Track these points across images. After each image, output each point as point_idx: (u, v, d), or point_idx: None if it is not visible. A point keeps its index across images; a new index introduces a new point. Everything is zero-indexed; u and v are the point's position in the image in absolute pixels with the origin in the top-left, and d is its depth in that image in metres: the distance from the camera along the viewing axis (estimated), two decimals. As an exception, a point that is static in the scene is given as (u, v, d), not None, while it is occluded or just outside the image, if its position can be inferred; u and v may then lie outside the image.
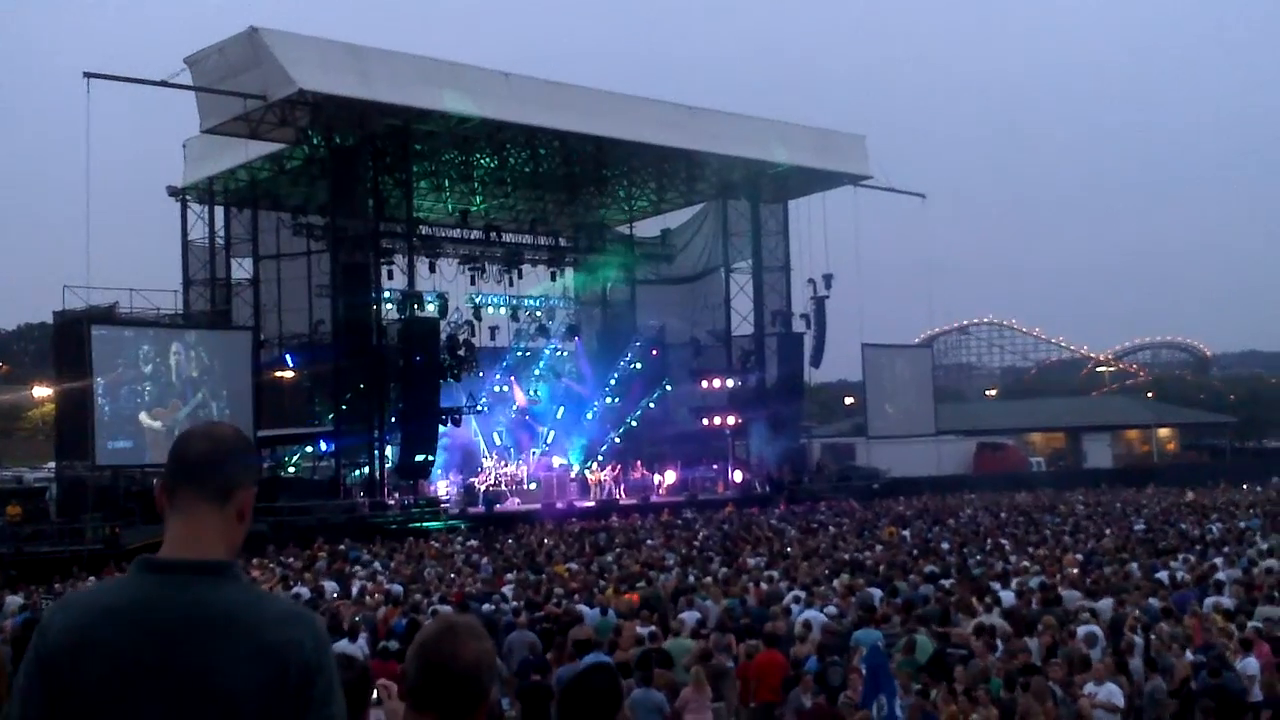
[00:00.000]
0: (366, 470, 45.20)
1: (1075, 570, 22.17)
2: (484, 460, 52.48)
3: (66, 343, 43.90)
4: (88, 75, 40.07)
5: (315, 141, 46.08)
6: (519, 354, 57.58)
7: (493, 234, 54.35)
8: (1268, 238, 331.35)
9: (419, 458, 44.33)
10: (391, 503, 44.18)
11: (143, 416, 42.00)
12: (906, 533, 33.96)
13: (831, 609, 18.04)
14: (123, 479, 43.53)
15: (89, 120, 37.80)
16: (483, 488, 48.88)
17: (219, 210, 54.22)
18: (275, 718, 2.76)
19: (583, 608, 18.82)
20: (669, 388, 59.52)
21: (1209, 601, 17.37)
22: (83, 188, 38.82)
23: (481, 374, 52.59)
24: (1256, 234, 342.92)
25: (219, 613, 2.78)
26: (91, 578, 26.94)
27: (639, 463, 55.65)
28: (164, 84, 43.04)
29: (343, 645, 14.78)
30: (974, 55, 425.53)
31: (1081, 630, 14.91)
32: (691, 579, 22.66)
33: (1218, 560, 22.95)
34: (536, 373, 57.91)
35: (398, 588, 22.42)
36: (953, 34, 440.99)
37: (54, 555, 33.49)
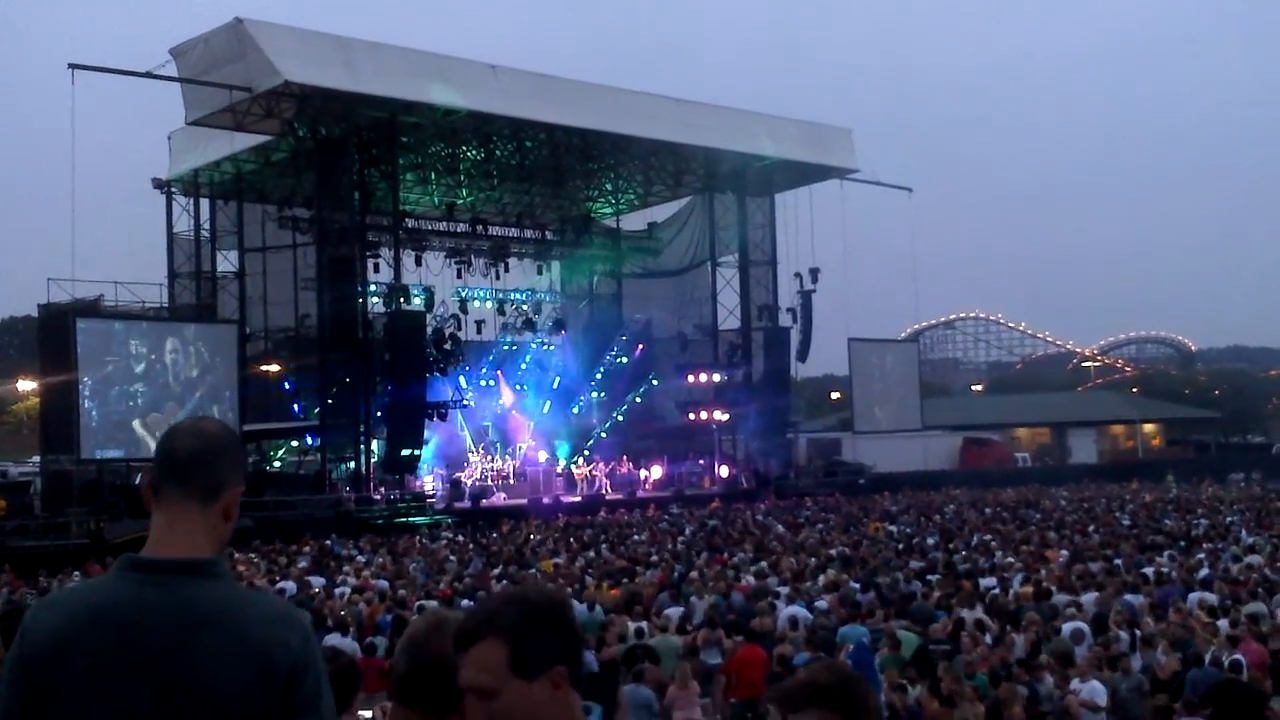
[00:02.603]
0: (352, 465, 45.08)
1: (1058, 565, 22.21)
2: (470, 455, 52.35)
3: (51, 336, 43.64)
4: (72, 66, 39.91)
5: (301, 134, 45.89)
6: (505, 348, 57.54)
7: (479, 227, 54.29)
8: (1253, 233, 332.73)
9: (405, 452, 44.22)
10: (377, 497, 44.03)
11: (136, 425, 41.55)
12: (893, 528, 34.02)
13: (821, 604, 18.05)
14: (108, 473, 43.37)
15: (74, 112, 37.70)
16: (469, 482, 48.80)
17: (204, 203, 54.07)
18: (261, 717, 2.73)
19: (572, 602, 18.79)
20: (655, 382, 59.55)
21: (1194, 597, 17.41)
22: (67, 180, 38.70)
23: (468, 368, 52.52)
24: (1241, 229, 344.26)
25: (205, 611, 2.75)
26: (76, 573, 26.86)
27: (625, 457, 55.62)
28: (149, 75, 42.90)
29: (334, 639, 14.83)
30: (960, 49, 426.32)
31: (1067, 627, 14.93)
32: (677, 574, 22.66)
33: (1201, 556, 23.03)
34: (523, 367, 57.87)
35: (383, 583, 22.37)
36: (940, 27, 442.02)
37: (38, 550, 33.36)
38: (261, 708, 2.73)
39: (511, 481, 50.75)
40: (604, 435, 57.90)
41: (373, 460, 45.13)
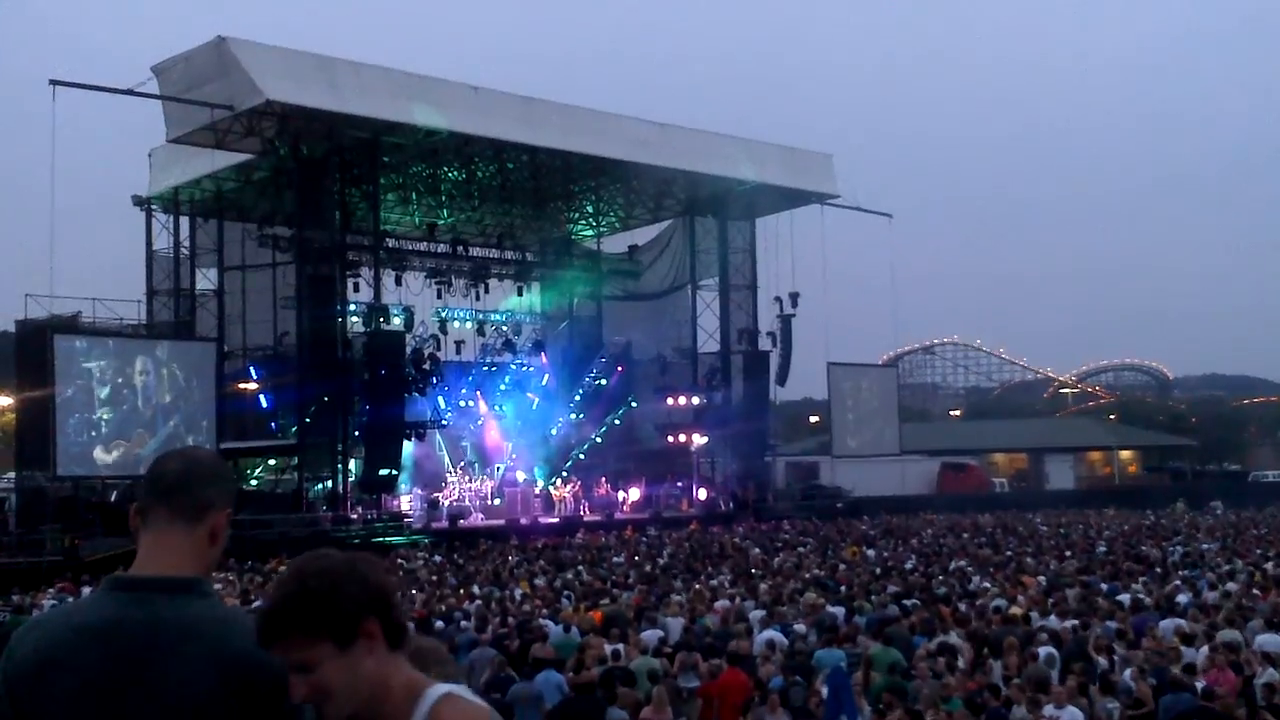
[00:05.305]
0: (330, 484, 44.87)
1: (1035, 591, 22.22)
2: (448, 475, 52.23)
3: (28, 352, 43.46)
4: (53, 83, 39.83)
5: (282, 152, 45.84)
6: (485, 369, 57.43)
7: (459, 248, 54.30)
8: (1230, 261, 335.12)
9: (383, 472, 44.10)
10: (354, 517, 43.86)
11: (97, 452, 41.17)
12: (870, 552, 34.00)
13: (799, 628, 18.02)
14: (83, 490, 43.13)
15: (54, 128, 37.59)
16: (446, 503, 48.66)
17: (184, 220, 53.90)
18: None
19: (548, 624, 18.72)
20: (634, 404, 59.52)
21: (1169, 624, 17.44)
22: (47, 195, 38.60)
23: (447, 388, 52.41)
24: (1218, 257, 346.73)
25: (187, 626, 2.78)
26: (50, 590, 26.66)
27: (604, 479, 55.57)
28: (130, 93, 42.82)
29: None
30: (941, 76, 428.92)
31: (1043, 652, 14.95)
32: (655, 597, 22.58)
33: (1177, 583, 23.07)
34: (502, 388, 57.74)
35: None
36: (919, 54, 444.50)
37: (12, 566, 33.15)
38: None
39: (489, 502, 50.64)
40: (583, 457, 57.85)
41: (350, 480, 44.96)
